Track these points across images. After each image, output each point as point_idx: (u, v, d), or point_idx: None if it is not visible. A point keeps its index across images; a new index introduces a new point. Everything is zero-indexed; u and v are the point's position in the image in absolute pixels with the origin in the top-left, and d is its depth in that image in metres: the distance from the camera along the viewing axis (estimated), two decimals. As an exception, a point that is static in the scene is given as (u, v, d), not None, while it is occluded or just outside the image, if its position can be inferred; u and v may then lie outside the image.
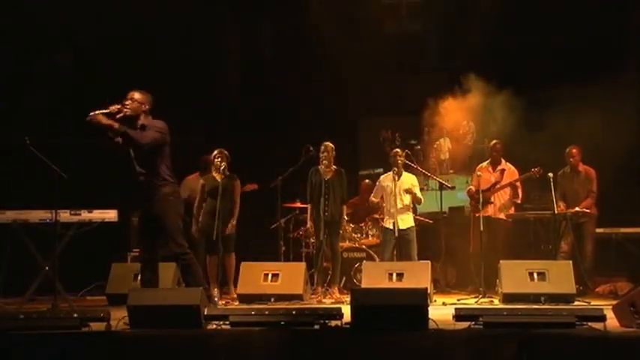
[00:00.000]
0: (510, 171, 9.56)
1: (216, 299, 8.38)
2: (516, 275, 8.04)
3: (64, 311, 6.97)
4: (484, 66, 10.14)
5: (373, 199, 9.38)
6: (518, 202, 9.57)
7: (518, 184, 9.44)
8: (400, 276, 8.23)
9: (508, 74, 9.83)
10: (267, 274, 8.48)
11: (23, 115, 10.40)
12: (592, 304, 7.70)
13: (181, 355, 5.46)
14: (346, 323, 5.69)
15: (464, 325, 5.66)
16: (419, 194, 9.23)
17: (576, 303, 7.81)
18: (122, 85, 10.65)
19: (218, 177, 8.82)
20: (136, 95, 6.74)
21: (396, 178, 9.05)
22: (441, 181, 9.88)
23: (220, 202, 8.57)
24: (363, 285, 8.43)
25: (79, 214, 8.35)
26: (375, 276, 8.34)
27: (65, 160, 8.13)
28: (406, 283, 8.04)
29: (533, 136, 9.63)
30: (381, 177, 9.44)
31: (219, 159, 8.83)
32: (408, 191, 9.10)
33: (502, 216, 9.50)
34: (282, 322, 5.66)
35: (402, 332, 5.44)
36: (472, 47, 10.57)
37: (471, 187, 9.63)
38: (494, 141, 9.75)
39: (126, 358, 5.52)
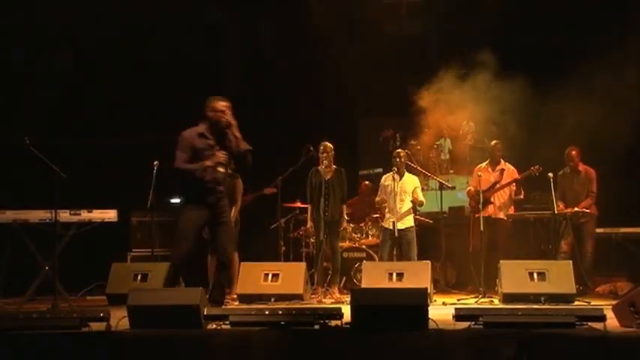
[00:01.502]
0: (510, 171, 9.56)
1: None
2: (516, 275, 8.05)
3: (64, 311, 6.99)
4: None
5: (379, 199, 9.35)
6: (522, 197, 9.58)
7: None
8: (400, 276, 8.23)
9: (508, 74, 9.82)
10: (267, 274, 8.48)
11: (23, 115, 10.41)
12: (592, 304, 7.71)
13: (181, 355, 5.46)
14: (346, 323, 5.70)
15: (464, 325, 5.66)
16: (421, 196, 9.22)
17: (576, 303, 7.81)
18: (122, 85, 10.72)
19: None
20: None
21: (397, 178, 9.04)
22: (441, 181, 9.89)
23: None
24: (363, 285, 8.43)
25: (79, 214, 8.35)
26: (375, 276, 8.35)
27: (65, 160, 8.13)
28: (406, 283, 8.04)
29: (531, 132, 9.64)
30: (383, 177, 9.45)
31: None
32: (412, 193, 9.11)
33: (502, 216, 9.51)
34: (282, 322, 5.67)
35: (402, 332, 5.45)
36: (472, 47, 10.56)
37: (470, 188, 9.63)
38: (494, 141, 9.75)
39: (126, 358, 5.51)
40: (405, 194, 9.11)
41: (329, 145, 9.03)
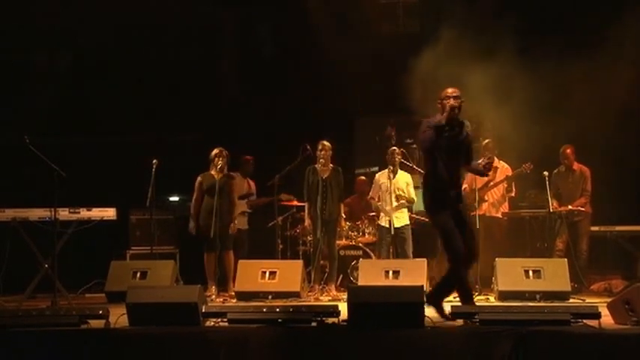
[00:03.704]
0: (504, 168, 9.61)
1: (213, 297, 8.45)
2: (512, 273, 8.09)
3: (64, 309, 7.00)
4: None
5: (373, 197, 9.44)
6: (512, 195, 9.63)
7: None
8: (396, 274, 8.28)
9: (506, 72, 9.85)
10: (264, 272, 8.52)
11: (23, 114, 10.43)
12: (587, 301, 7.74)
13: (180, 351, 5.51)
14: (343, 320, 5.74)
15: (460, 322, 5.72)
16: (412, 194, 9.28)
17: (571, 300, 7.86)
18: (121, 84, 10.73)
19: (216, 175, 8.87)
20: None
21: (392, 176, 9.10)
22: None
23: (218, 200, 8.63)
24: (360, 283, 8.47)
25: (78, 213, 8.40)
26: (371, 274, 8.39)
27: (64, 159, 8.17)
28: (402, 281, 8.08)
29: (529, 131, 9.69)
30: (377, 175, 9.50)
31: (219, 157, 8.88)
32: (404, 189, 9.18)
33: (497, 214, 9.56)
34: (280, 320, 5.72)
35: (398, 329, 5.50)
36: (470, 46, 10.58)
37: (465, 186, 9.61)
38: (486, 140, 9.80)
39: (125, 355, 5.56)
40: (400, 192, 9.17)
41: (327, 144, 9.04)
